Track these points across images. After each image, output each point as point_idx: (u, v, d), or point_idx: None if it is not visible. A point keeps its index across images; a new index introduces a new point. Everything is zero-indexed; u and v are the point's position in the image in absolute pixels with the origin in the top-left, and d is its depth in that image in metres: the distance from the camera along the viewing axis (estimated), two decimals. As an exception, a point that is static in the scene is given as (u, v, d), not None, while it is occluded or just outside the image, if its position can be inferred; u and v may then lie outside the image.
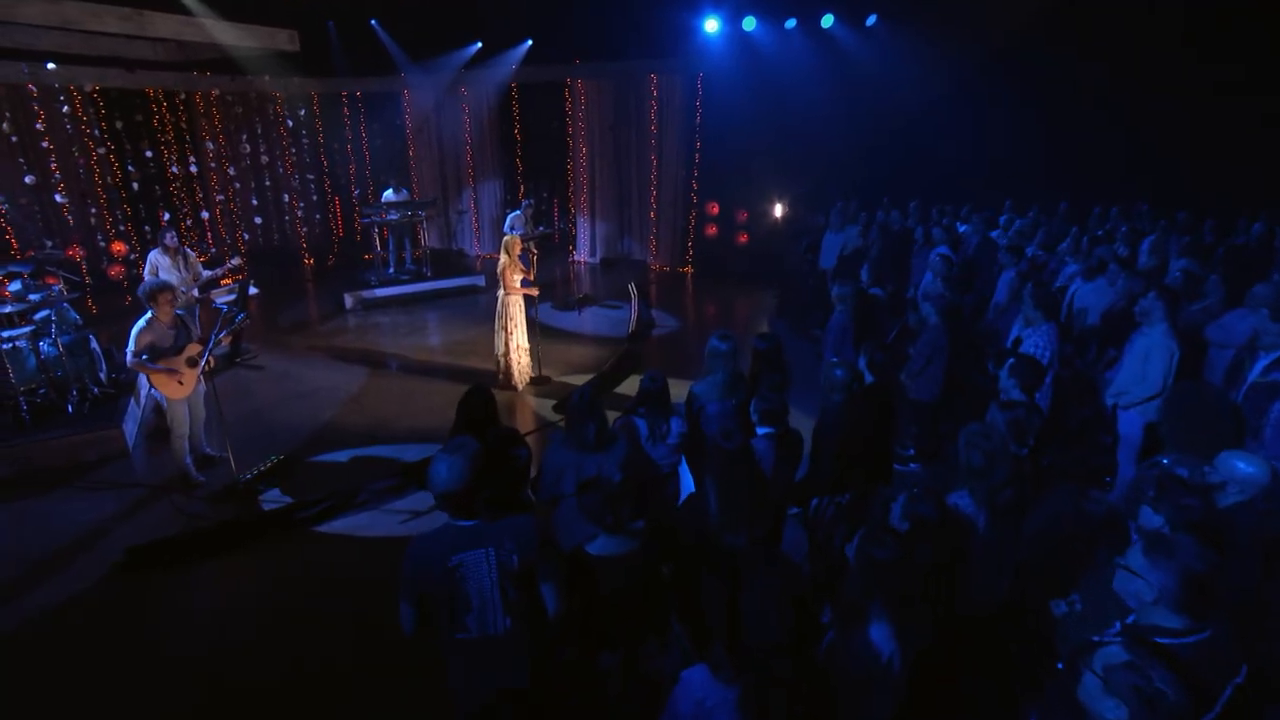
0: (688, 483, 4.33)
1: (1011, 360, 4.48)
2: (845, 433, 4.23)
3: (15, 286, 7.72)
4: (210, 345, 5.99)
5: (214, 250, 13.65)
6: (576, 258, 14.91)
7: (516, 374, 8.48)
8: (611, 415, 4.60)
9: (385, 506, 6.13)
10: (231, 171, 13.71)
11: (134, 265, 11.56)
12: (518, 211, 12.11)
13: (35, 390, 7.25)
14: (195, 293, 8.95)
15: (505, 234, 8.31)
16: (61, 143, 11.14)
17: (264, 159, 14.12)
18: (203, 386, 6.54)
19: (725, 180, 13.01)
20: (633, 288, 11.88)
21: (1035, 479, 3.69)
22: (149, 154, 12.14)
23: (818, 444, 4.34)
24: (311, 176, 14.75)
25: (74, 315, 7.78)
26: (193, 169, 12.78)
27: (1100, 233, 9.15)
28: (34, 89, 10.18)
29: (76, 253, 10.94)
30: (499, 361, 8.49)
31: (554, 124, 14.26)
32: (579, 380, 8.76)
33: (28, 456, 6.65)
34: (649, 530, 3.24)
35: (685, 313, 11.82)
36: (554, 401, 8.12)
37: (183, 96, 12.74)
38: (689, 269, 13.90)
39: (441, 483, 2.80)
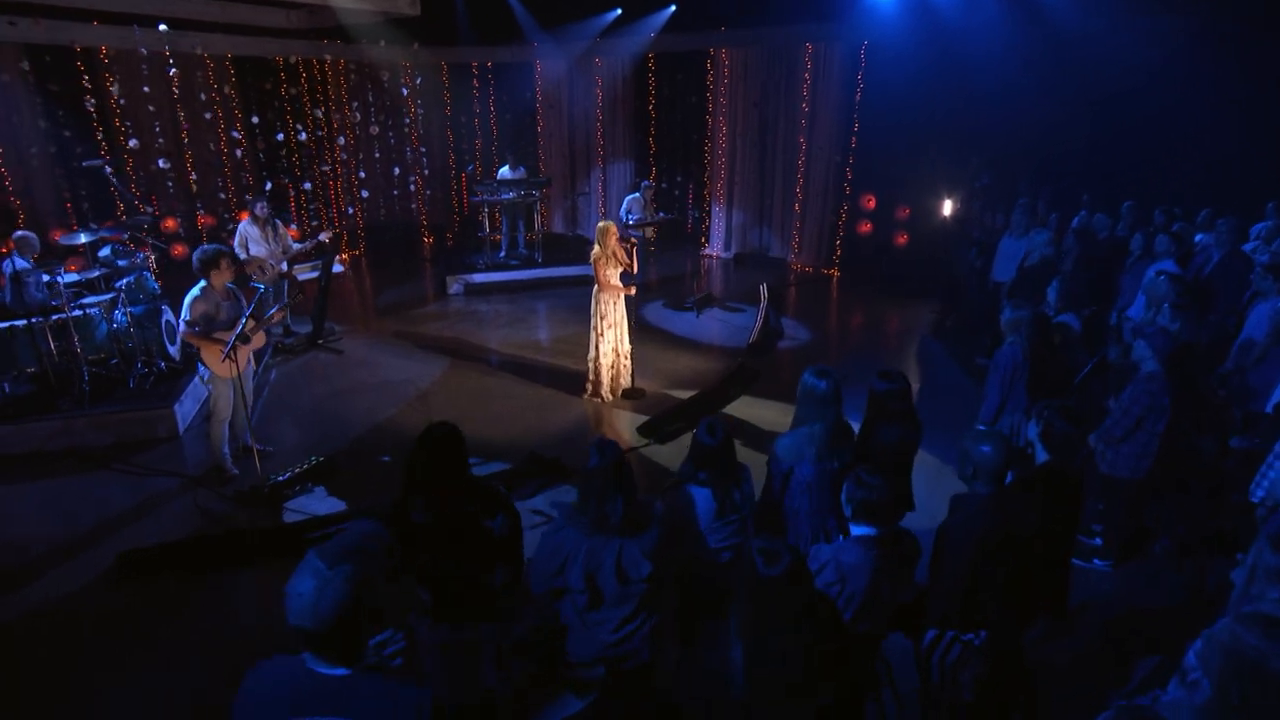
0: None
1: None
2: (989, 545, 2.86)
3: (105, 252, 7.79)
4: (240, 327, 5.49)
5: (334, 225, 13.84)
6: (708, 251, 13.79)
7: (606, 384, 7.55)
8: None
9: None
10: (349, 143, 13.79)
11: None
12: (636, 194, 11.18)
13: (106, 360, 7.22)
14: (284, 266, 8.77)
15: (600, 222, 7.36)
16: (184, 108, 11.52)
17: (388, 131, 14.13)
18: (252, 367, 6.15)
19: (885, 169, 11.36)
20: (764, 289, 10.63)
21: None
22: (255, 120, 12.30)
23: (942, 553, 3.00)
24: (436, 150, 14.62)
25: (153, 285, 7.74)
26: (299, 137, 12.87)
27: None
28: (144, 51, 10.47)
29: (173, 223, 11.30)
30: (588, 367, 7.60)
31: (692, 99, 13.19)
32: (680, 395, 7.72)
33: (81, 430, 6.55)
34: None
35: (822, 324, 10.38)
36: (643, 420, 7.11)
37: (307, 64, 12.87)
38: (835, 272, 12.37)
39: (296, 613, 1.82)
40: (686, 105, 13.29)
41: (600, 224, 7.31)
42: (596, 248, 7.25)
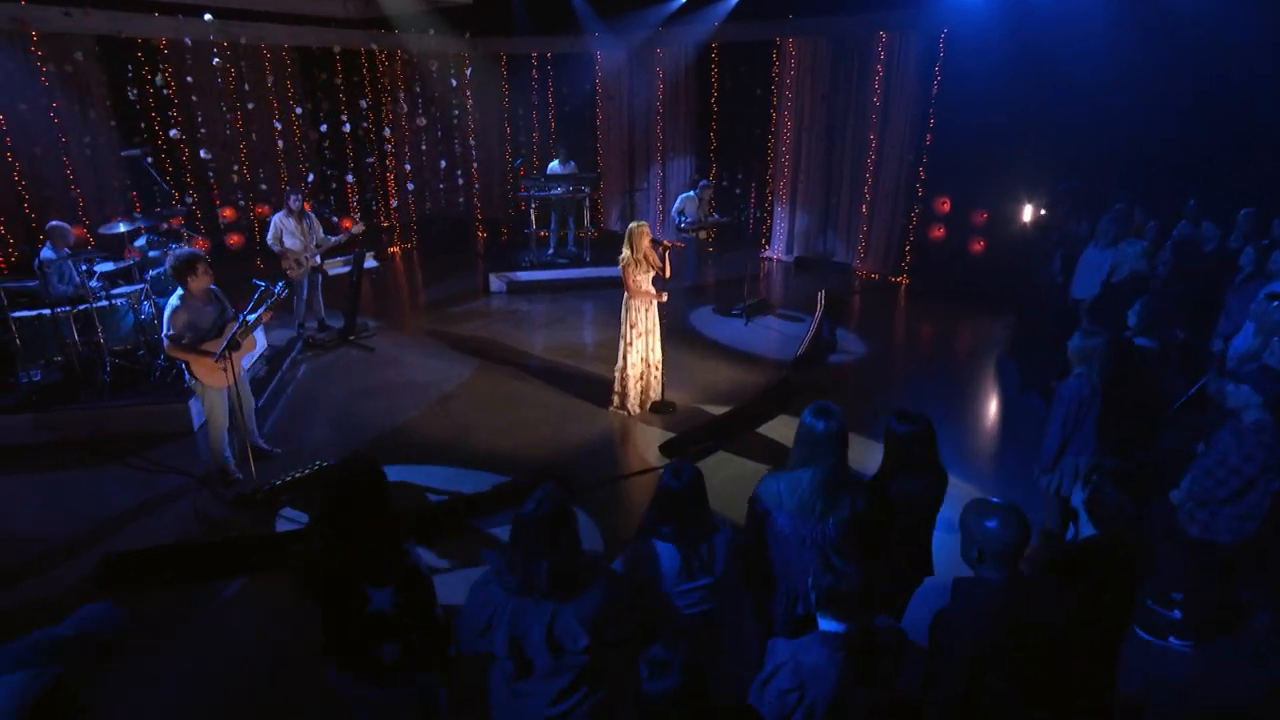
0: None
1: None
2: (998, 640, 2.32)
3: (140, 242, 7.88)
4: (236, 327, 5.34)
5: (389, 219, 13.90)
6: (769, 254, 13.19)
7: (633, 396, 7.16)
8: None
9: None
10: (403, 135, 13.76)
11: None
12: (691, 192, 10.72)
13: (133, 351, 7.28)
14: (317, 259, 8.74)
15: (632, 222, 6.97)
16: (239, 98, 11.71)
17: (439, 124, 14.07)
18: (246, 370, 6.02)
19: (962, 169, 10.55)
20: (821, 297, 10.04)
21: None
22: (299, 111, 12.37)
23: (937, 651, 2.47)
24: (493, 143, 14.50)
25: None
26: (348, 129, 12.88)
27: None
28: (188, 41, 10.65)
29: (230, 213, 11.51)
30: (614, 377, 7.23)
31: (757, 91, 12.62)
32: (713, 410, 7.26)
33: (99, 422, 6.60)
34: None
35: (883, 337, 9.70)
36: (669, 436, 6.69)
37: (360, 55, 12.89)
38: (903, 279, 11.61)
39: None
40: (750, 98, 12.73)
41: (631, 225, 6.91)
42: (626, 251, 6.86)
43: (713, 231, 10.99)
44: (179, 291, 5.44)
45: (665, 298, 7.04)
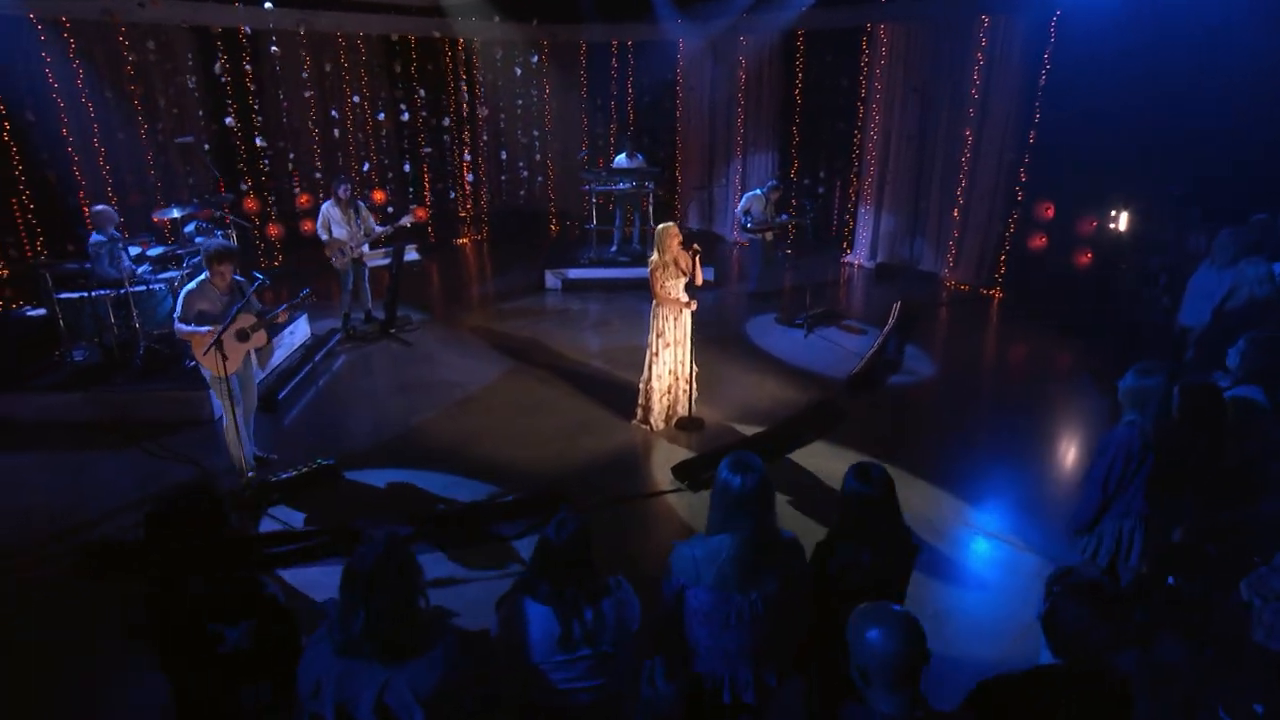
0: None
1: None
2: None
3: (189, 229, 8.14)
4: (233, 314, 5.31)
5: (462, 209, 14.01)
6: (849, 258, 12.40)
7: (657, 410, 6.78)
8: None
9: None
10: (475, 124, 13.77)
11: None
12: (758, 191, 10.16)
13: (170, 336, 7.50)
14: (366, 249, 8.80)
15: (661, 224, 6.58)
16: (314, 87, 12.02)
17: (515, 112, 14.02)
18: (255, 367, 6.04)
19: (1070, 171, 9.45)
20: (896, 309, 9.30)
21: None
22: (354, 100, 12.50)
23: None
24: (572, 135, 14.35)
25: (226, 263, 7.95)
26: (411, 118, 13.02)
27: None
28: (242, 30, 10.94)
29: (306, 200, 11.82)
30: (639, 389, 6.85)
31: (843, 82, 11.84)
32: (746, 430, 6.77)
33: (127, 405, 6.82)
34: None
35: (959, 357, 8.85)
36: (685, 457, 6.26)
37: (433, 43, 12.94)
38: (996, 293, 10.60)
39: None
40: (836, 89, 11.97)
41: (660, 226, 6.54)
42: (654, 254, 6.48)
43: (779, 233, 10.36)
44: (201, 277, 5.51)
45: (695, 306, 6.60)
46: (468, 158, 13.76)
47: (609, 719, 2.70)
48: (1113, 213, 9.15)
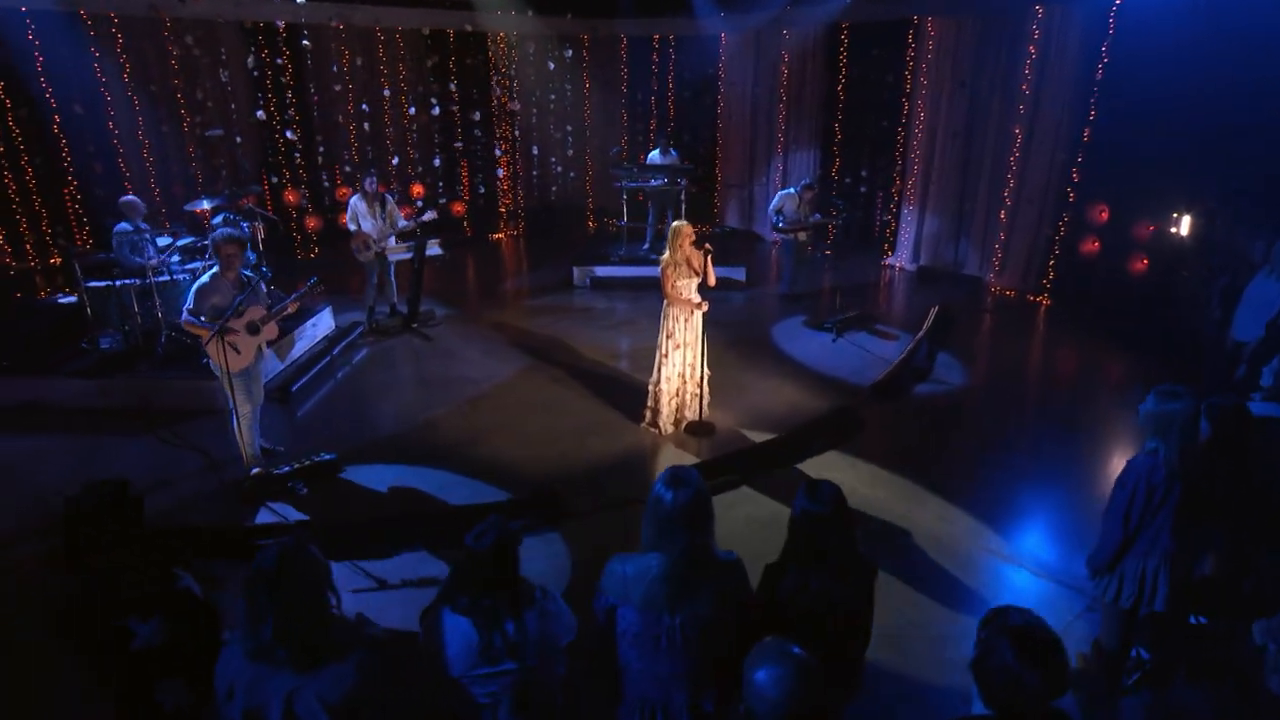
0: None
1: None
2: None
3: (217, 220, 8.33)
4: (229, 314, 5.37)
5: (502, 203, 14.07)
6: (891, 261, 12.02)
7: (666, 414, 6.65)
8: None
9: (357, 563, 4.95)
10: (510, 118, 13.77)
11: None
12: (791, 190, 9.94)
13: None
14: (392, 240, 8.87)
15: (674, 222, 6.45)
16: (353, 81, 12.20)
17: (554, 106, 14.00)
18: (264, 361, 6.10)
19: (1127, 171, 8.95)
20: (932, 314, 8.98)
21: None
22: (385, 94, 12.60)
23: None
24: (612, 130, 14.28)
25: (250, 254, 8.10)
26: (434, 112, 13.07)
27: None
28: (281, 25, 11.14)
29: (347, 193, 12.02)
30: (648, 391, 6.74)
31: (888, 78, 11.47)
32: (757, 437, 6.59)
33: (147, 393, 7.00)
34: None
35: (995, 367, 8.49)
36: (691, 462, 6.12)
37: (468, 37, 12.98)
38: (1044, 300, 10.13)
39: None
40: (880, 85, 11.60)
41: (673, 224, 6.41)
42: (666, 253, 6.37)
43: (816, 233, 10.10)
44: (213, 270, 5.60)
45: (706, 307, 6.45)
46: (503, 153, 13.81)
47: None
48: (1174, 215, 8.63)
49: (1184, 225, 8.35)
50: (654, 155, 11.46)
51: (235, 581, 3.48)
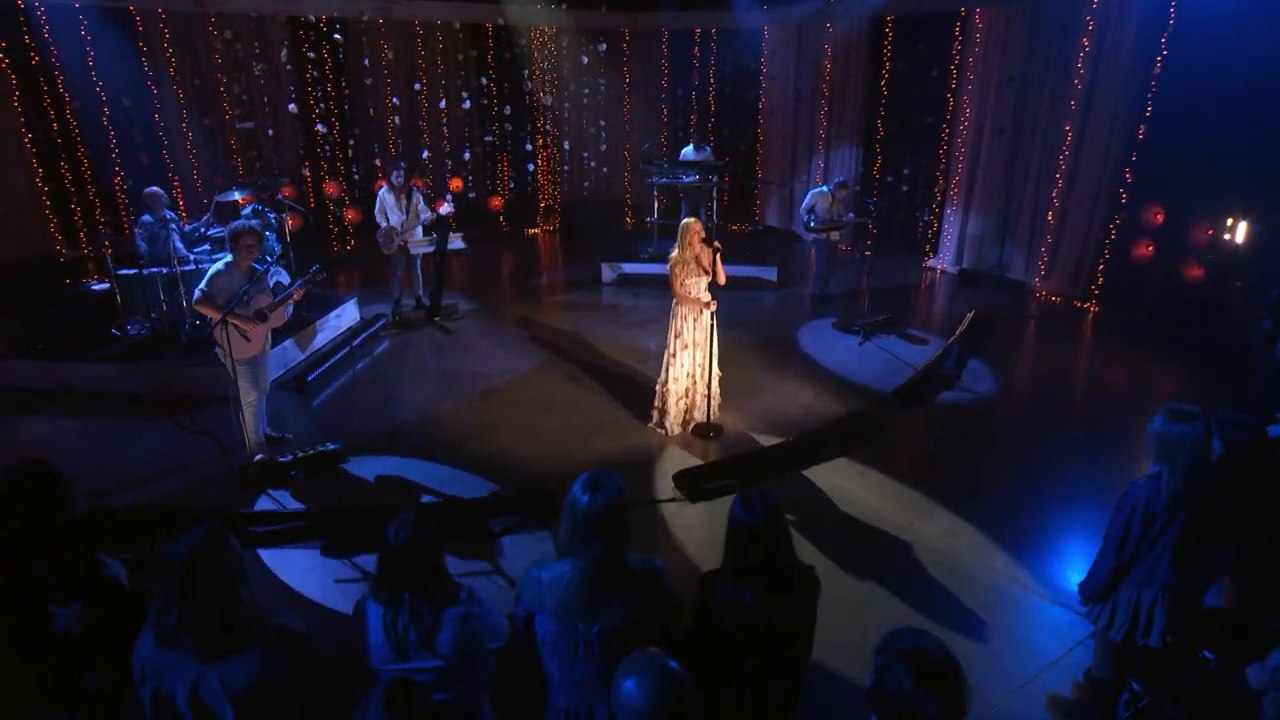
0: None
1: None
2: None
3: (246, 211, 8.56)
4: (233, 303, 5.50)
5: (543, 198, 14.15)
6: (932, 263, 11.67)
7: (673, 414, 6.58)
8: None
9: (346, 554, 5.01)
10: (547, 112, 13.80)
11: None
12: (823, 188, 9.73)
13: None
14: (419, 233, 8.99)
15: (684, 220, 6.37)
16: (393, 75, 12.41)
17: (588, 102, 14.01)
18: (270, 351, 6.24)
19: (1185, 171, 8.49)
20: (968, 319, 8.70)
21: None
22: (415, 87, 12.72)
23: None
24: (652, 125, 14.22)
25: (273, 244, 8.32)
26: (482, 104, 13.21)
27: None
28: (315, 19, 11.38)
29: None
30: (655, 391, 6.68)
31: (933, 72, 11.12)
32: (766, 441, 6.48)
33: (169, 379, 7.23)
34: None
35: (1029, 376, 8.17)
36: (696, 464, 6.05)
37: (506, 31, 13.02)
38: (1092, 306, 9.70)
39: None
40: (925, 80, 11.25)
41: (683, 221, 6.34)
42: (675, 250, 6.30)
43: (855, 232, 9.87)
44: (227, 259, 5.77)
45: (715, 306, 6.35)
46: (540, 148, 13.87)
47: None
48: (1229, 221, 8.16)
49: (1239, 232, 7.86)
50: (687, 151, 11.37)
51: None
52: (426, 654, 2.47)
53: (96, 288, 7.93)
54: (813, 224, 9.62)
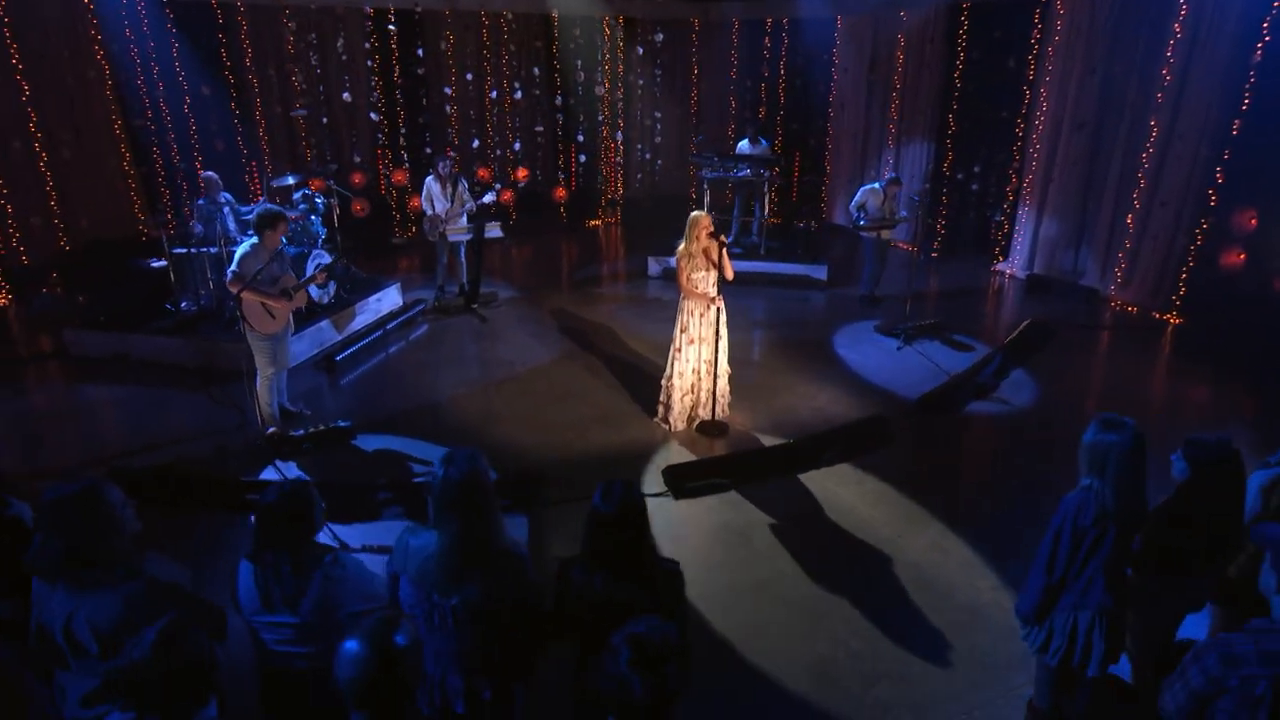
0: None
1: None
2: None
3: (297, 196, 9.09)
4: (259, 269, 5.87)
5: (607, 192, 14.33)
6: (1002, 266, 11.13)
7: (678, 410, 6.60)
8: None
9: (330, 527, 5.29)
10: (611, 105, 13.89)
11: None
12: (875, 185, 9.44)
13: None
14: (464, 219, 9.30)
15: (694, 212, 6.36)
16: (453, 62, 12.81)
17: (659, 92, 14.03)
18: (291, 328, 6.61)
19: None
20: (1022, 327, 8.35)
21: None
22: (468, 77, 12.93)
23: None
24: (714, 116, 14.15)
25: (318, 228, 8.79)
26: (549, 96, 13.42)
27: None
28: (391, 9, 11.80)
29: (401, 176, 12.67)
30: (661, 386, 6.70)
31: (1009, 63, 10.59)
32: (770, 441, 6.41)
33: (211, 354, 7.77)
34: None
35: (1078, 389, 7.70)
36: (691, 460, 6.05)
37: (573, 21, 13.16)
38: (1172, 317, 9.04)
39: None
40: (1002, 71, 10.72)
41: (692, 214, 6.32)
42: (682, 243, 6.29)
43: (889, 231, 9.53)
44: (254, 240, 6.14)
45: (721, 302, 6.31)
46: (604, 139, 14.02)
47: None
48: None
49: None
50: (743, 145, 11.27)
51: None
52: (288, 612, 2.64)
53: (155, 265, 8.58)
54: (863, 222, 9.36)
